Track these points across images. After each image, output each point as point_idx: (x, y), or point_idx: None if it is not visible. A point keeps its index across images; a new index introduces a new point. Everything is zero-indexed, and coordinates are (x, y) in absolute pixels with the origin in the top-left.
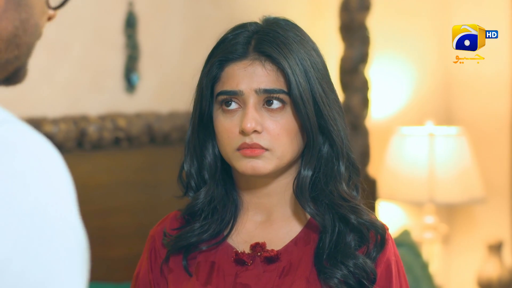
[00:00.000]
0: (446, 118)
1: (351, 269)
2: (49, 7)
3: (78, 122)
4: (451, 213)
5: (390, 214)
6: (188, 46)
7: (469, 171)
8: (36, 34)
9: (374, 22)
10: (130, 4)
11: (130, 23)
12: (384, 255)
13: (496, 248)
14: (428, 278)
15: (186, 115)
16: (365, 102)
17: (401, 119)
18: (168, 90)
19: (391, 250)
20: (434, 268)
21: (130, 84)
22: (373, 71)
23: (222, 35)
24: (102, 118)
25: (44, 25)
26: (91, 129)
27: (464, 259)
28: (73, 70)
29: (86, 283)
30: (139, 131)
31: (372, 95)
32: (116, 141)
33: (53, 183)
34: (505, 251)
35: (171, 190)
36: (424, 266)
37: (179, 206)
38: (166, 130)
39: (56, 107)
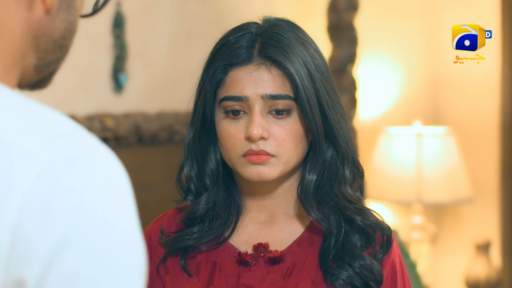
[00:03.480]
0: (434, 118)
1: (357, 270)
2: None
3: None
4: (439, 213)
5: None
6: (176, 46)
7: (457, 171)
8: (74, 37)
9: (362, 22)
10: (118, 4)
11: (118, 23)
12: (389, 257)
13: (484, 248)
14: (416, 278)
15: (174, 115)
16: (353, 102)
17: (389, 119)
18: (156, 90)
19: (396, 252)
20: (422, 268)
21: (117, 84)
22: (361, 71)
23: (221, 36)
24: (90, 118)
25: None
26: None
27: (452, 259)
28: (61, 70)
29: None
30: (127, 131)
31: (360, 95)
32: (104, 141)
33: (118, 198)
34: (493, 251)
35: (159, 190)
36: (412, 266)
37: (168, 206)
38: (154, 130)
39: None
